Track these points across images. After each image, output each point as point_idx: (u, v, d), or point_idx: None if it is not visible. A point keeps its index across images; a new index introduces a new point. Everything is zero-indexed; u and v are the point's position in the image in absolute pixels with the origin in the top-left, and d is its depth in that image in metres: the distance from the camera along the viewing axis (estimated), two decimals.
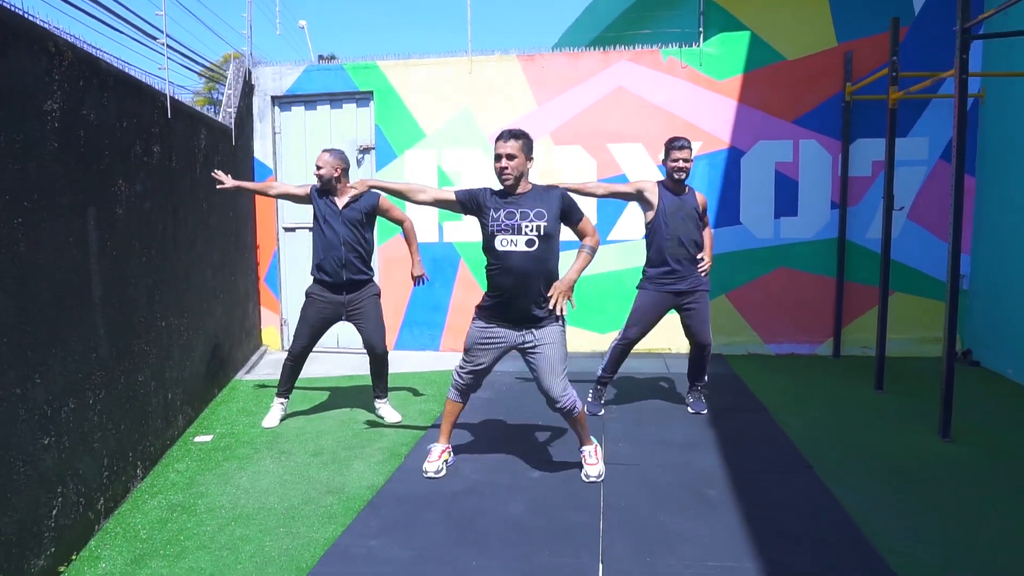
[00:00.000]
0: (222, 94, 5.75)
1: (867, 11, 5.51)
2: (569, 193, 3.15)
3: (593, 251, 3.10)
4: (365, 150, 6.10)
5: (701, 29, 5.71)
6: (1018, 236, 4.86)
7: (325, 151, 3.95)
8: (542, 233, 2.99)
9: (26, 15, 2.37)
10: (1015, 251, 4.90)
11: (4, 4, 2.20)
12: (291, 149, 6.20)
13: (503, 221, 3.01)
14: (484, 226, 3.09)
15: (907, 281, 5.69)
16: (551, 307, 3.03)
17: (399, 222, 4.12)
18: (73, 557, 2.58)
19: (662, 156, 4.04)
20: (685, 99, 5.75)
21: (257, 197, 6.02)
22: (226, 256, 5.06)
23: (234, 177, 4.46)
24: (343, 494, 3.14)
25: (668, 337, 5.77)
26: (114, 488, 2.99)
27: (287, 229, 6.26)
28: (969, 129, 5.49)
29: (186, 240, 4.14)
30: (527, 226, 2.99)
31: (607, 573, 2.42)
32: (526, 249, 2.98)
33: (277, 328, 6.28)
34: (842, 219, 5.62)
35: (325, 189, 3.95)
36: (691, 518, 2.82)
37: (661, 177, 4.06)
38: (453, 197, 3.13)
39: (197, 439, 3.91)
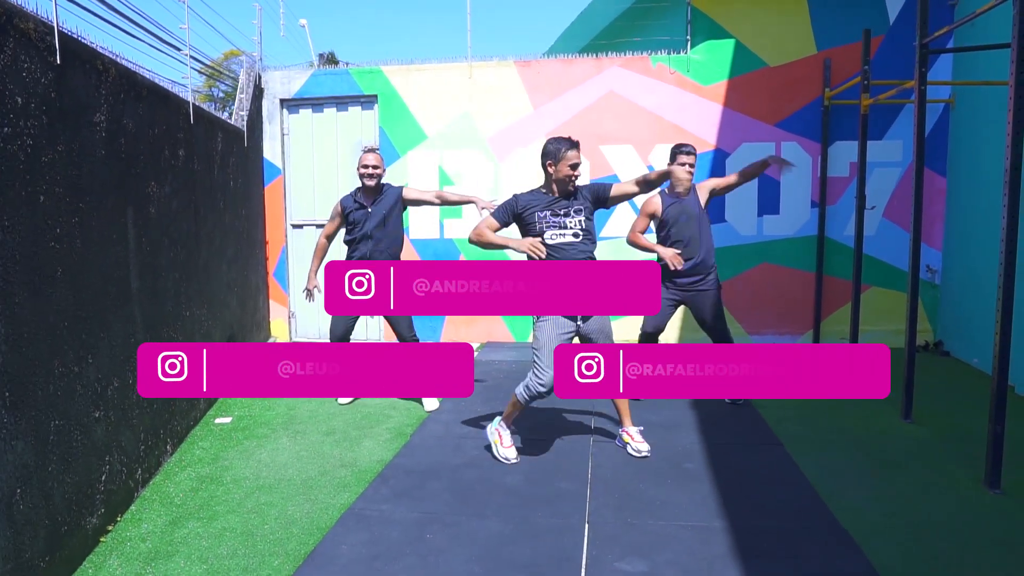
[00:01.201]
0: (221, 91, 6.04)
1: (845, 21, 5.81)
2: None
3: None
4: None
5: (688, 37, 6.02)
6: (985, 234, 5.18)
7: (371, 151, 4.31)
8: (584, 227, 3.36)
9: (81, 39, 2.68)
10: (982, 249, 5.22)
11: (64, 30, 2.50)
12: (299, 149, 6.51)
13: (550, 218, 3.34)
14: (530, 225, 3.36)
15: (883, 276, 6.02)
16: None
17: (432, 200, 4.41)
18: (118, 518, 2.91)
19: (668, 161, 4.28)
20: (673, 103, 6.06)
21: (267, 197, 6.34)
22: (239, 252, 5.37)
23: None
24: (355, 467, 3.46)
25: None
26: (149, 461, 3.31)
27: (295, 226, 6.57)
28: (940, 133, 5.82)
29: (206, 237, 4.45)
30: (571, 221, 3.34)
31: (593, 531, 2.74)
32: (574, 240, 3.34)
33: (285, 320, 6.59)
34: (821, 217, 5.95)
35: (368, 186, 4.31)
36: (669, 487, 3.15)
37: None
38: (498, 225, 3.42)
39: (217, 421, 4.23)
